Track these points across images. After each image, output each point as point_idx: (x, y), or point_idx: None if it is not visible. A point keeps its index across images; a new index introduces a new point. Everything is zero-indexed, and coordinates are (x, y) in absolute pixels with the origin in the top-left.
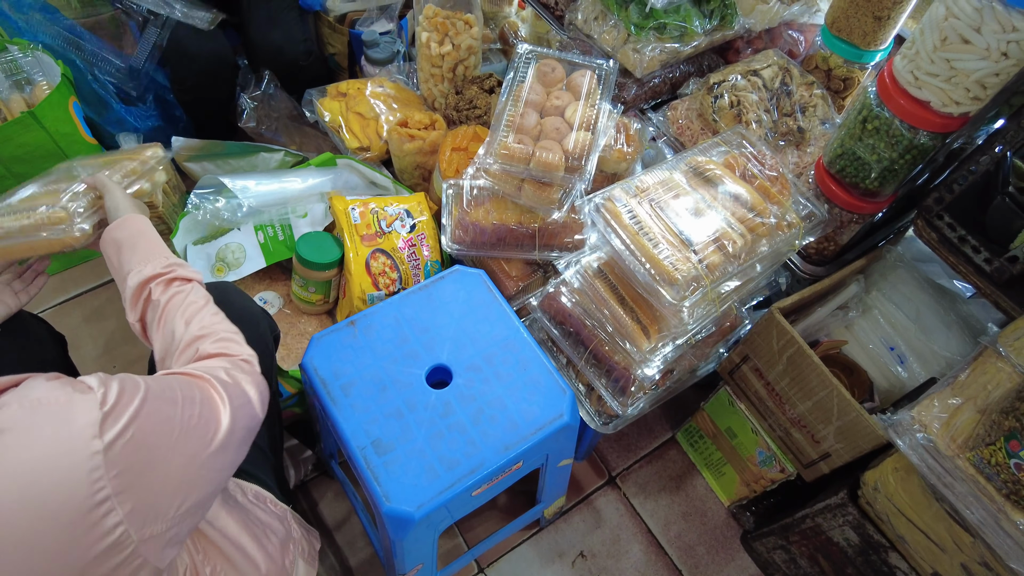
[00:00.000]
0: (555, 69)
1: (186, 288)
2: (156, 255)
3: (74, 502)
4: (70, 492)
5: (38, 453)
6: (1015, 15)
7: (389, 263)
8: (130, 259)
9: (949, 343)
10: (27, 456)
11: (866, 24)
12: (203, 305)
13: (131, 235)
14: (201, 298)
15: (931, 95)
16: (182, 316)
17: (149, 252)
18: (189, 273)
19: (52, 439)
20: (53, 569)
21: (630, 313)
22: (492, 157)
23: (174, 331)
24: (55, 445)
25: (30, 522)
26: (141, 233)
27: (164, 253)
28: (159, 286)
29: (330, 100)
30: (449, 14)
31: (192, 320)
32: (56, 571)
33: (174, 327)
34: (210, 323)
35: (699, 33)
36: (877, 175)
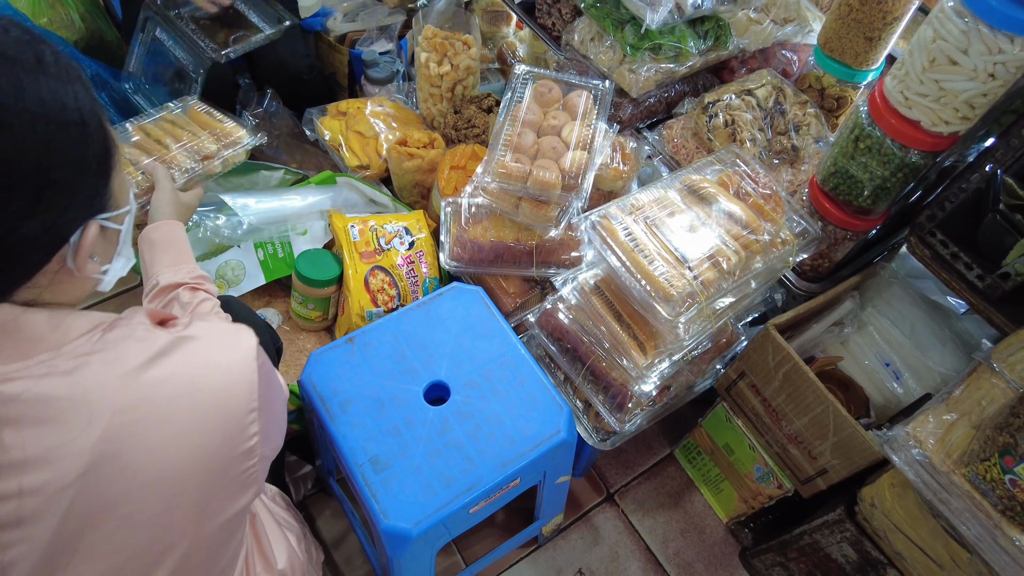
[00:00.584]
0: (552, 89)
1: (209, 300)
2: (184, 264)
3: (239, 403)
4: (238, 395)
5: (223, 358)
6: (1000, 37)
7: (388, 280)
8: (161, 260)
9: (944, 359)
10: (216, 359)
11: (858, 44)
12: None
13: (164, 240)
14: (219, 309)
15: (921, 115)
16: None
17: (178, 260)
18: (212, 288)
19: (231, 351)
20: (212, 453)
21: (627, 329)
22: (490, 176)
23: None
24: (233, 355)
25: (212, 409)
26: (173, 241)
27: (191, 264)
28: (187, 291)
29: (330, 119)
30: (448, 35)
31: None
32: (214, 455)
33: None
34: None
35: (694, 53)
36: (870, 193)
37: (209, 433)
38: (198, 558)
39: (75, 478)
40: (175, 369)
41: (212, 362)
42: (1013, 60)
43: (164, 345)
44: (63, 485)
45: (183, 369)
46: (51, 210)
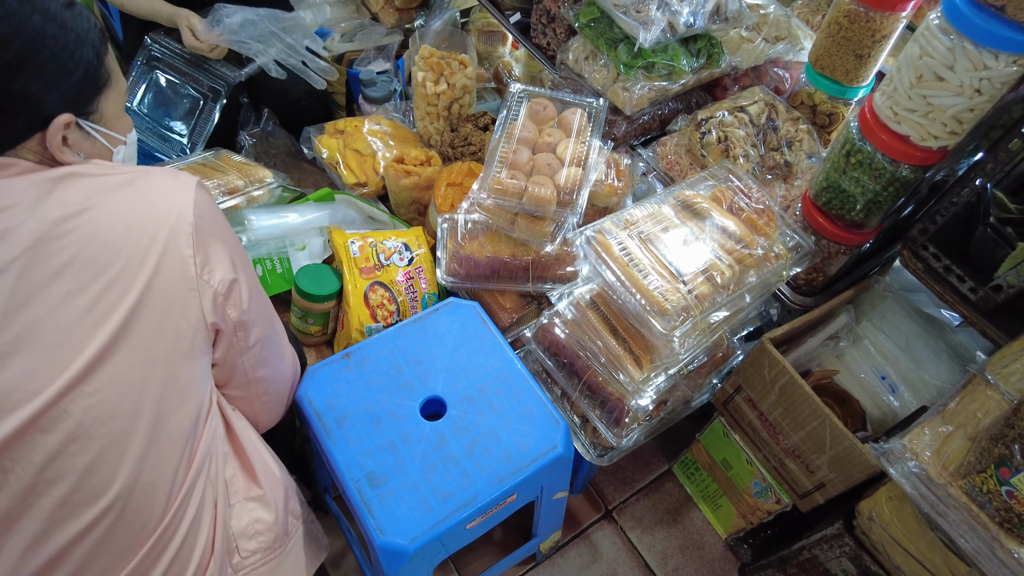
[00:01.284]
0: (547, 107)
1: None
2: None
3: (170, 224)
4: (177, 211)
5: (158, 182)
6: (985, 54)
7: (387, 295)
8: None
9: (939, 371)
10: (148, 181)
11: (848, 62)
12: None
13: None
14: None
15: (910, 130)
16: None
17: None
18: None
19: (168, 176)
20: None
21: (622, 344)
22: (486, 192)
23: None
24: (169, 181)
25: (140, 233)
26: None
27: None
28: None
29: (328, 137)
30: (444, 54)
31: None
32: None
33: None
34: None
35: (687, 71)
36: (862, 207)
37: (148, 261)
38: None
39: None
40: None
41: (144, 195)
42: (998, 76)
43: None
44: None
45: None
46: (30, 84)
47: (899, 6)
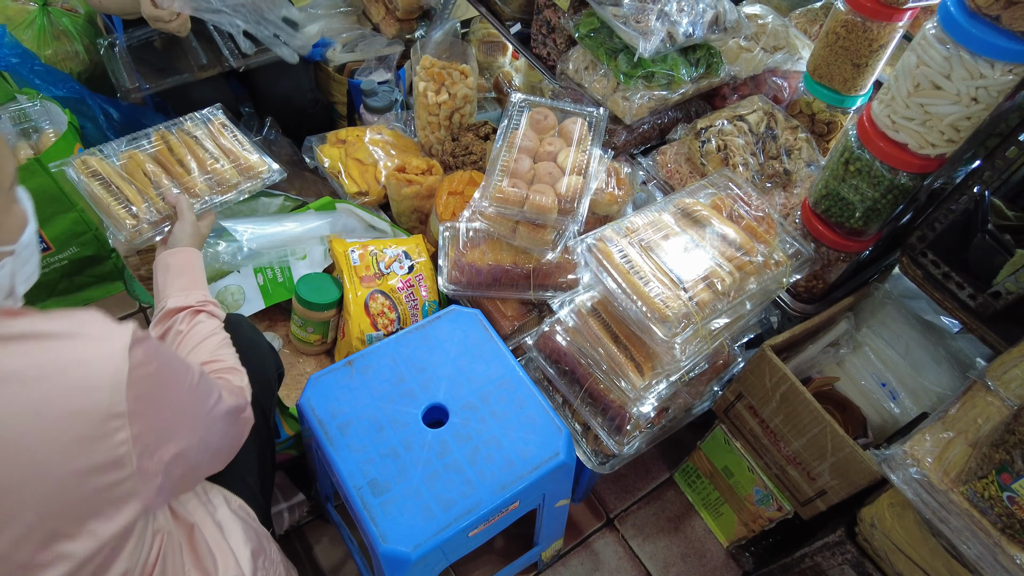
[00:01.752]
0: (547, 117)
1: (208, 322)
2: (195, 289)
3: (98, 406)
4: (97, 396)
5: (77, 357)
6: (981, 63)
7: (388, 304)
8: (174, 283)
9: (940, 378)
10: (68, 357)
11: (846, 71)
12: (218, 337)
13: (180, 265)
14: (219, 332)
15: (908, 138)
16: (196, 344)
17: (191, 284)
18: (217, 312)
19: (92, 348)
20: (63, 462)
21: (624, 351)
22: (488, 200)
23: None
24: (93, 354)
25: (59, 411)
26: (190, 266)
27: (202, 290)
28: (187, 316)
29: (330, 147)
30: (445, 64)
31: (202, 348)
32: (64, 465)
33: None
34: (219, 353)
35: (686, 81)
36: (861, 214)
37: (58, 441)
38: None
39: None
40: (7, 369)
41: (66, 360)
42: (994, 85)
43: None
44: None
45: (17, 368)
46: None
47: (895, 16)
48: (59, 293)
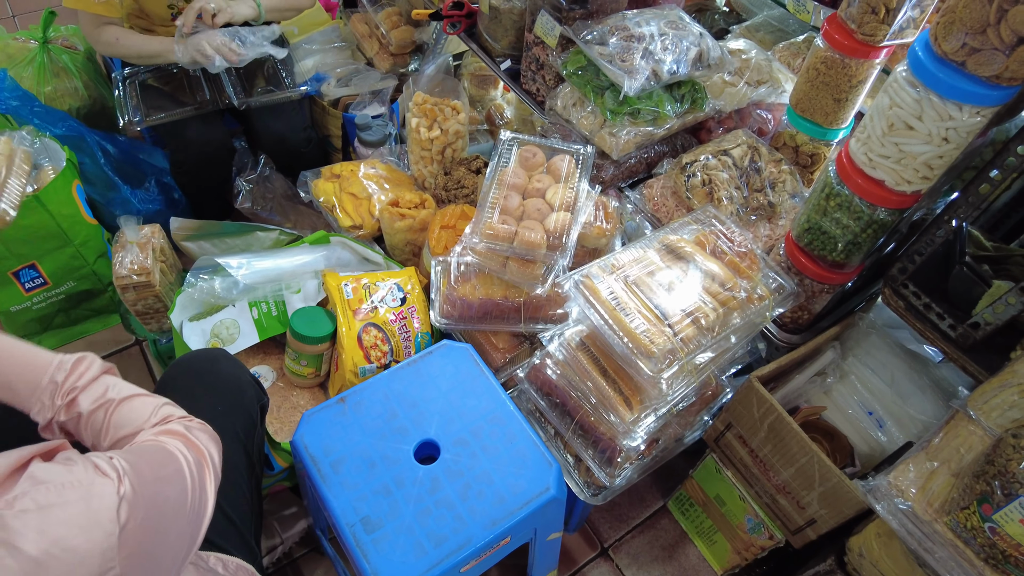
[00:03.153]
0: (536, 154)
1: (108, 391)
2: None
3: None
4: (86, 571)
5: (64, 533)
6: (950, 106)
7: (381, 336)
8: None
9: (924, 406)
10: (55, 536)
11: (827, 105)
12: (141, 397)
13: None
14: (129, 390)
15: (885, 175)
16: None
17: (31, 377)
18: (93, 371)
19: (77, 521)
20: None
21: (612, 385)
22: (478, 236)
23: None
24: (79, 528)
25: None
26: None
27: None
28: (83, 398)
29: (324, 181)
30: (437, 101)
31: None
32: None
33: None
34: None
35: (671, 116)
36: (843, 248)
37: None
38: None
39: None
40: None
41: (54, 537)
42: (963, 126)
43: None
44: None
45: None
46: None
47: (872, 54)
48: (55, 327)
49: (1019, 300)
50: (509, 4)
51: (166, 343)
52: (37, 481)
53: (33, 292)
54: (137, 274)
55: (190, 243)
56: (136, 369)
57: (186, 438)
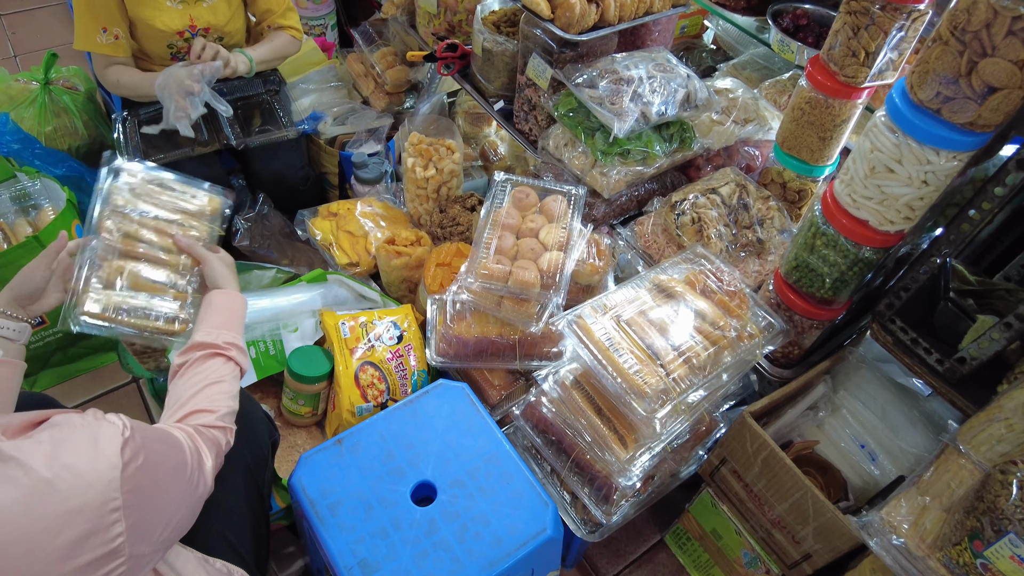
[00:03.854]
0: (529, 195)
1: (220, 367)
2: (226, 330)
3: (94, 504)
4: (93, 495)
5: (73, 461)
6: (928, 151)
7: (377, 375)
8: (210, 320)
9: (916, 439)
10: (65, 462)
11: (812, 143)
12: (223, 385)
13: (221, 304)
14: (224, 379)
15: (868, 215)
16: (198, 384)
17: (224, 324)
18: (237, 358)
19: (85, 452)
20: (65, 556)
21: (607, 423)
22: (473, 276)
23: (184, 392)
24: (87, 457)
25: (58, 511)
26: (230, 308)
27: (233, 332)
28: (204, 355)
29: (321, 219)
30: (432, 141)
31: (203, 392)
32: (66, 561)
33: (186, 388)
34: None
35: (661, 156)
36: (830, 285)
37: (58, 537)
38: None
39: None
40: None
41: (64, 465)
42: (941, 170)
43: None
44: None
45: (17, 475)
46: None
47: (854, 94)
48: (52, 365)
49: (1003, 335)
50: (501, 47)
51: (163, 381)
52: (53, 424)
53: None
54: None
55: None
56: (133, 407)
57: (191, 433)
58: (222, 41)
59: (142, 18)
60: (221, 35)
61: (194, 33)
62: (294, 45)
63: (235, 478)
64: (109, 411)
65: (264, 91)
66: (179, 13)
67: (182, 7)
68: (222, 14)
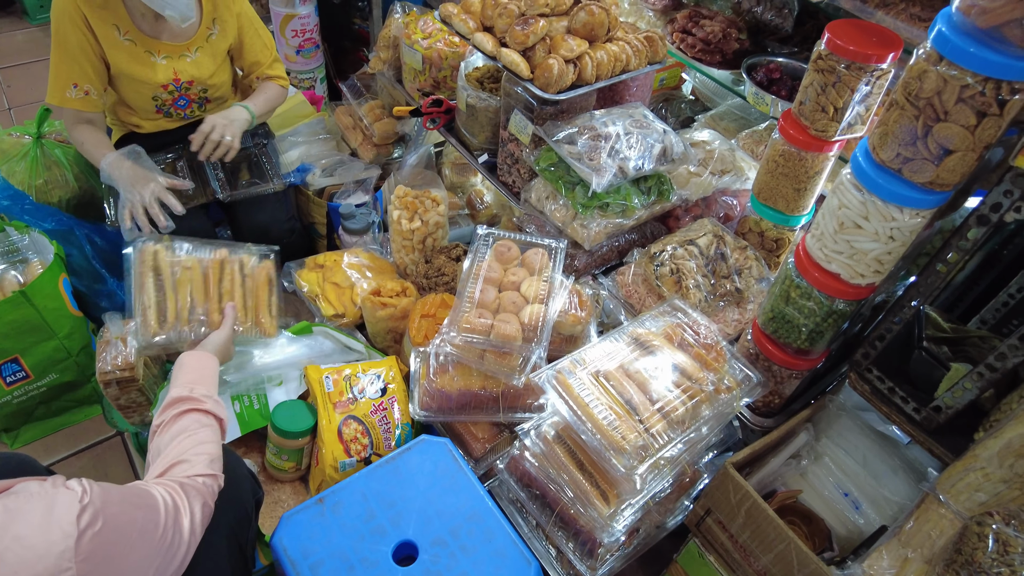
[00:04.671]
0: (510, 248)
1: (199, 419)
2: (200, 384)
3: (47, 572)
4: (43, 567)
5: (25, 532)
6: (892, 208)
7: (361, 429)
8: (182, 377)
9: (897, 487)
10: (16, 533)
11: (788, 194)
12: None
13: (193, 364)
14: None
15: (840, 269)
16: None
17: (197, 380)
18: (213, 409)
19: (39, 522)
20: None
21: (589, 479)
22: (455, 330)
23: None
24: (39, 528)
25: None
26: (202, 367)
27: (207, 386)
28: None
29: (308, 271)
30: (418, 194)
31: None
32: None
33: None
34: (194, 451)
35: (639, 208)
36: (807, 335)
37: None
38: None
39: None
40: None
41: (13, 536)
42: (906, 226)
43: None
44: None
45: None
46: None
47: (826, 148)
48: (36, 419)
49: (975, 385)
50: (485, 103)
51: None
52: (10, 493)
53: (14, 386)
54: (121, 369)
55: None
56: (117, 461)
57: (172, 487)
58: (206, 93)
59: (126, 72)
60: (205, 87)
61: (178, 86)
62: (283, 95)
63: (218, 538)
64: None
65: (252, 144)
66: (163, 67)
67: (166, 61)
68: (206, 68)
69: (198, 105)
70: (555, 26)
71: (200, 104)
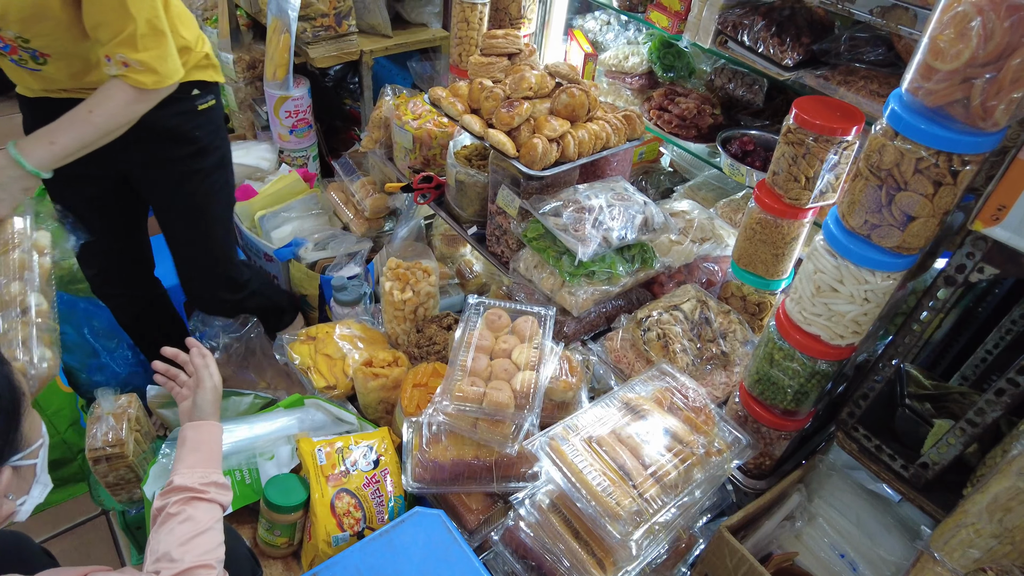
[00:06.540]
0: (501, 317)
1: (203, 509)
2: (203, 467)
3: None
4: None
5: None
6: (864, 271)
7: (354, 503)
8: (185, 459)
9: (893, 546)
10: None
11: (767, 259)
12: (205, 530)
13: (196, 440)
14: (209, 522)
15: (819, 331)
16: (183, 534)
17: (201, 462)
18: (217, 497)
19: None
20: None
21: (585, 547)
22: (448, 399)
23: (170, 545)
24: None
25: None
26: (206, 442)
27: (210, 467)
28: (183, 500)
29: (300, 344)
30: (410, 265)
31: (190, 542)
32: None
33: (171, 541)
34: (205, 553)
35: (624, 276)
36: (792, 396)
37: None
38: None
39: None
40: None
41: None
42: (879, 288)
43: None
44: None
45: None
46: None
47: (800, 215)
48: None
49: (958, 440)
50: (473, 178)
51: (135, 514)
52: None
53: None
54: (111, 446)
55: (166, 411)
56: (101, 540)
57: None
58: (27, 44)
59: None
60: (21, 35)
61: None
62: (135, 104)
63: None
64: (76, 546)
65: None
66: None
67: None
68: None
69: (31, 56)
70: (539, 108)
71: (34, 56)
